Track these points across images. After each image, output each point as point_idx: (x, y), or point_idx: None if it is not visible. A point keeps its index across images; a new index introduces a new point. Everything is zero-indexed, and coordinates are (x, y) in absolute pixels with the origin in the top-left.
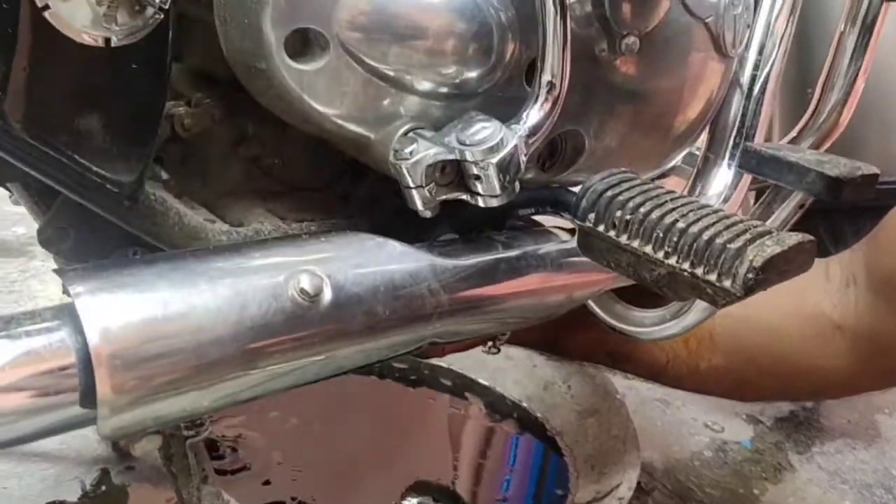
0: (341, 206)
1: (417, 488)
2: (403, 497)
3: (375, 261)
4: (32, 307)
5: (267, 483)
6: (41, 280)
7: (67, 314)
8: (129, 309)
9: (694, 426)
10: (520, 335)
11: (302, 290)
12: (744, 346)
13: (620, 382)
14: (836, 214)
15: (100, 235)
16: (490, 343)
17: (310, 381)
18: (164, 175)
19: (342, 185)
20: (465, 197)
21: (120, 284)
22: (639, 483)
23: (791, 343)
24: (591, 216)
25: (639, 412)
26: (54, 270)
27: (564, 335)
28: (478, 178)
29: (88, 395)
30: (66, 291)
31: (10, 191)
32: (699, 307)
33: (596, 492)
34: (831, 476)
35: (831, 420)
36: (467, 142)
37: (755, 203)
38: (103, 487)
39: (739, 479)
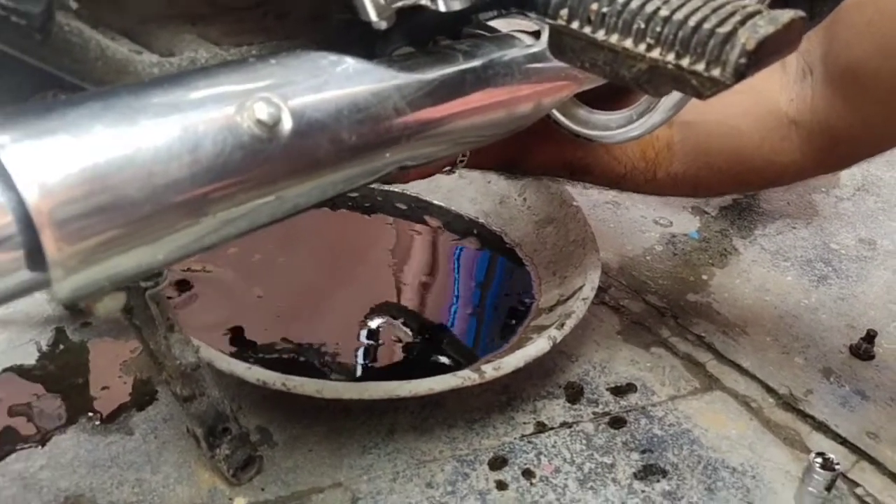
0: (279, 26)
1: (380, 310)
2: (367, 320)
3: (334, 81)
4: None
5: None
6: None
7: None
8: (65, 156)
9: (644, 223)
10: (477, 158)
11: (258, 121)
12: (701, 152)
13: (571, 189)
14: None
15: (14, 79)
16: (450, 167)
17: (282, 217)
18: (73, 3)
19: (277, 3)
20: (423, 1)
21: (48, 130)
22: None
23: (749, 143)
24: (564, 12)
25: (591, 216)
26: None
27: (523, 152)
28: None
29: (36, 258)
30: None
31: None
32: (666, 105)
33: (560, 295)
34: (773, 255)
35: (772, 203)
36: None
37: None
38: (61, 346)
39: (689, 267)
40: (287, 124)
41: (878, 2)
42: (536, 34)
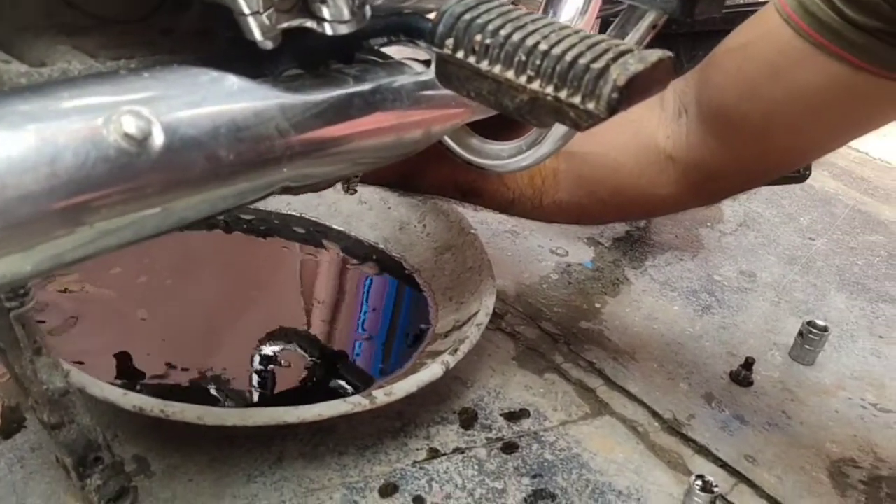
0: (163, 41)
1: (273, 335)
2: (261, 345)
3: (213, 98)
4: None
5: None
6: None
7: None
8: None
9: (541, 253)
10: (372, 173)
11: (126, 135)
12: (585, 181)
13: (472, 217)
14: (675, 40)
15: None
16: (346, 184)
17: (150, 234)
18: None
19: (162, 17)
20: (309, 24)
21: None
22: (493, 309)
23: (628, 176)
24: (450, 42)
25: (491, 244)
26: None
27: (417, 171)
28: (323, 0)
29: None
30: None
31: None
32: (553, 137)
33: (456, 321)
34: (662, 286)
35: (661, 236)
36: None
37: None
38: None
39: (583, 296)
40: (158, 139)
41: (746, 48)
42: (428, 63)
